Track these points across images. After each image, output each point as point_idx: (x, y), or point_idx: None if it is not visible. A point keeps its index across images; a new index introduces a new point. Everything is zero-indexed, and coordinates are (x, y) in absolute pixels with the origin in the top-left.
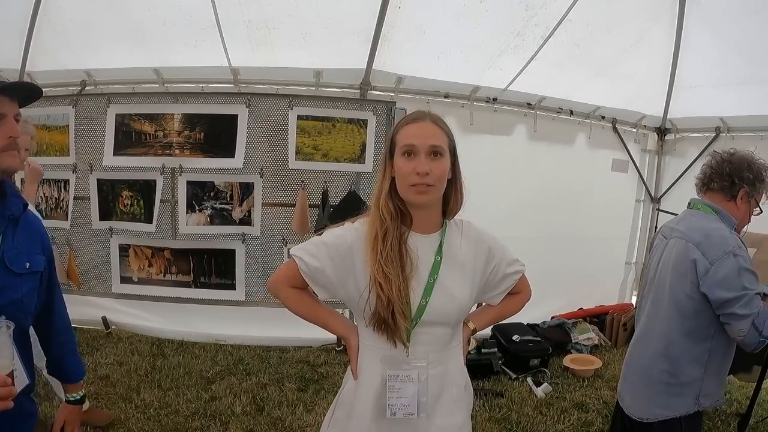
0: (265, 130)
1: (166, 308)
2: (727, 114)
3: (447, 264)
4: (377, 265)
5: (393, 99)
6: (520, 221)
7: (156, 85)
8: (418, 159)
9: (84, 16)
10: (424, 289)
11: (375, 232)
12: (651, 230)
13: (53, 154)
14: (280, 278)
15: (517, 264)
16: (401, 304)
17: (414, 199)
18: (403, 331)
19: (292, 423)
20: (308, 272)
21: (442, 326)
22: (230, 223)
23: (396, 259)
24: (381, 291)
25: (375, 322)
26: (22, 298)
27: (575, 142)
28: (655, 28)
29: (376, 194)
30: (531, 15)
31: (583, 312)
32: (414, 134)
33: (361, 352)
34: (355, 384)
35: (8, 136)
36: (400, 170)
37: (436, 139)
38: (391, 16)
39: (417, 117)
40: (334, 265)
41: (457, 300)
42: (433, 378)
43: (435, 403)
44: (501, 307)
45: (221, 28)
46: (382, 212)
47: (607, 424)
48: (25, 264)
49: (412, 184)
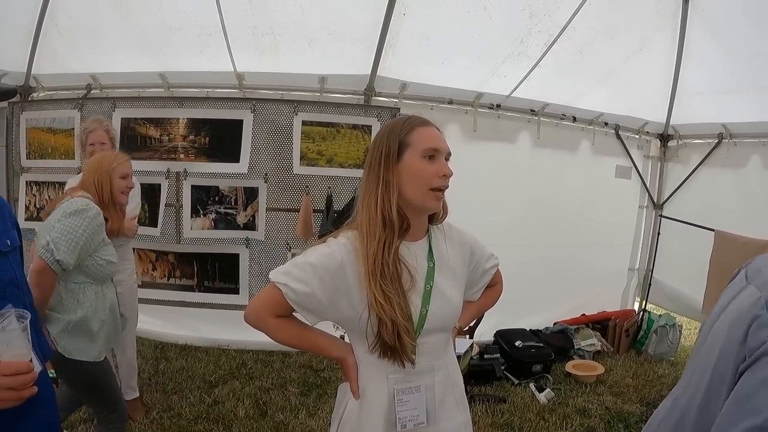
0: (270, 135)
1: (170, 312)
2: (729, 120)
3: (439, 269)
4: (377, 287)
5: (397, 105)
6: (523, 227)
7: (161, 89)
8: (440, 162)
9: (90, 21)
10: (422, 297)
11: (373, 248)
12: (654, 236)
13: (58, 157)
14: (261, 308)
15: (493, 258)
16: (405, 323)
17: (432, 203)
18: (410, 349)
19: (295, 427)
20: (297, 299)
21: (442, 332)
22: (234, 227)
23: (394, 276)
24: (383, 313)
25: (380, 348)
26: (16, 275)
27: (579, 148)
28: (657, 36)
29: (378, 203)
30: (535, 23)
31: (585, 318)
32: (435, 138)
33: (363, 369)
34: (358, 403)
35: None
36: (420, 173)
37: (448, 146)
38: (395, 23)
39: (425, 121)
40: (324, 287)
41: (453, 304)
42: (438, 384)
43: (441, 407)
44: (480, 301)
45: (227, 34)
46: (391, 223)
47: (609, 430)
48: (6, 242)
49: (434, 187)
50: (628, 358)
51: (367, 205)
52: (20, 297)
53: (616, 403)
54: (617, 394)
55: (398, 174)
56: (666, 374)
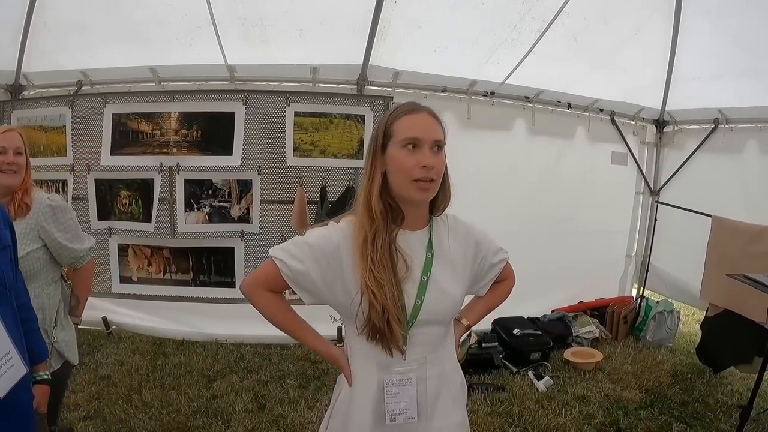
0: (263, 127)
1: (167, 307)
2: (725, 105)
3: (438, 261)
4: (368, 272)
5: (390, 94)
6: (520, 215)
7: (152, 83)
8: (422, 152)
9: (79, 17)
10: (417, 288)
11: (364, 234)
12: (650, 223)
13: (50, 155)
14: (256, 280)
15: (502, 252)
16: (396, 311)
17: (415, 195)
18: (399, 338)
19: (294, 420)
20: (291, 276)
21: (437, 325)
22: (229, 220)
23: (387, 263)
24: (374, 299)
25: (369, 331)
26: (3, 274)
27: (574, 135)
28: (652, 20)
29: (365, 192)
30: (528, 8)
31: (583, 305)
32: (417, 126)
33: (354, 357)
34: (349, 392)
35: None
36: (400, 164)
37: (438, 133)
38: (386, 10)
39: (414, 108)
40: (320, 268)
41: (450, 297)
42: (430, 379)
43: (434, 404)
44: (489, 297)
45: (216, 26)
46: (375, 212)
47: (608, 417)
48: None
49: (416, 179)
50: (627, 345)
51: (363, 192)
52: (7, 297)
53: (615, 390)
54: (616, 381)
55: (386, 164)
56: (664, 360)
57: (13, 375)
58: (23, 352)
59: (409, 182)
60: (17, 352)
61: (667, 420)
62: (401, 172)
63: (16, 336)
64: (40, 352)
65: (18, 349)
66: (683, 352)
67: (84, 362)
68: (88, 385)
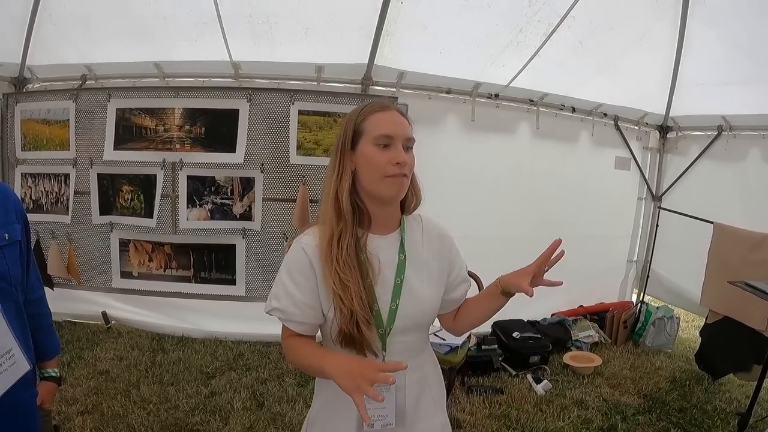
0: (266, 124)
1: (167, 303)
2: (729, 113)
3: (411, 263)
4: (333, 273)
5: (395, 94)
6: (522, 218)
7: (157, 79)
8: (395, 149)
9: (84, 11)
10: (392, 291)
11: (330, 233)
12: (652, 228)
13: (53, 149)
14: (282, 335)
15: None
16: (364, 313)
17: (387, 191)
18: (373, 340)
19: (292, 418)
20: (285, 318)
21: (416, 332)
22: (231, 218)
23: (354, 264)
24: (342, 303)
25: (341, 339)
26: (9, 270)
27: (578, 139)
28: (658, 26)
29: (332, 191)
30: (534, 11)
31: (583, 309)
32: (390, 123)
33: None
34: (326, 399)
35: None
36: (372, 161)
37: (409, 131)
38: (393, 11)
39: (385, 106)
40: (300, 289)
41: (425, 301)
42: (411, 385)
43: (414, 408)
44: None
45: (222, 23)
46: (344, 210)
47: (606, 422)
48: (4, 235)
49: (388, 175)
50: (626, 349)
51: (326, 193)
52: (11, 293)
53: (614, 394)
54: (615, 386)
55: (355, 162)
56: (663, 366)
57: (14, 373)
58: (28, 348)
59: (381, 179)
60: (20, 349)
61: (664, 426)
62: (374, 169)
63: (19, 333)
64: (51, 347)
65: (21, 346)
66: (682, 358)
67: (83, 357)
68: (87, 379)
